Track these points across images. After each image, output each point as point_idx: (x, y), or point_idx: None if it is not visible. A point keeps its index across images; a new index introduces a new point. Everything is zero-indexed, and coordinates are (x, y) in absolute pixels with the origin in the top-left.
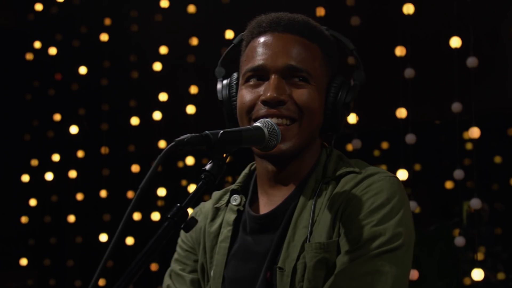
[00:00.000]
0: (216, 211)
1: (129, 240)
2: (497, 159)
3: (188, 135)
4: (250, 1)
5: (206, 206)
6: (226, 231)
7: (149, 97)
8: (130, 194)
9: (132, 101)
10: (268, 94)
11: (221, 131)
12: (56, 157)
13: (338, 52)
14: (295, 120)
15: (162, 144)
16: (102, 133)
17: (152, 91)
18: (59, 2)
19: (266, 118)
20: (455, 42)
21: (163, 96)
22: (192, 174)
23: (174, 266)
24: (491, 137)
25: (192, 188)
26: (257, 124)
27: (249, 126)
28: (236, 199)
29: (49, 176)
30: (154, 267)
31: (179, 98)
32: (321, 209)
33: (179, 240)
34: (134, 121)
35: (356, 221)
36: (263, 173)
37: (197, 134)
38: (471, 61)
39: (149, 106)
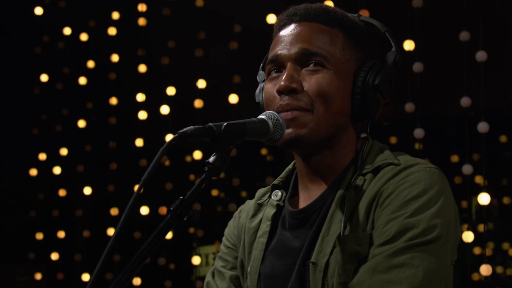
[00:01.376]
0: (258, 207)
1: (137, 234)
2: (507, 154)
3: (191, 127)
4: None
5: (250, 203)
6: (265, 226)
7: (157, 91)
8: None
9: (140, 95)
10: (281, 83)
11: (225, 123)
12: (64, 151)
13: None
14: (312, 107)
15: (170, 138)
16: (110, 127)
17: (160, 85)
18: None
19: (284, 109)
20: (464, 35)
21: (171, 90)
22: (200, 168)
23: (217, 263)
24: (500, 132)
25: None
26: (261, 116)
27: (253, 119)
28: (277, 194)
29: (57, 170)
30: (161, 261)
31: (187, 92)
32: (357, 202)
33: (224, 238)
34: (142, 115)
35: (389, 213)
36: (300, 167)
37: (201, 126)
38: (481, 55)
39: (157, 100)
